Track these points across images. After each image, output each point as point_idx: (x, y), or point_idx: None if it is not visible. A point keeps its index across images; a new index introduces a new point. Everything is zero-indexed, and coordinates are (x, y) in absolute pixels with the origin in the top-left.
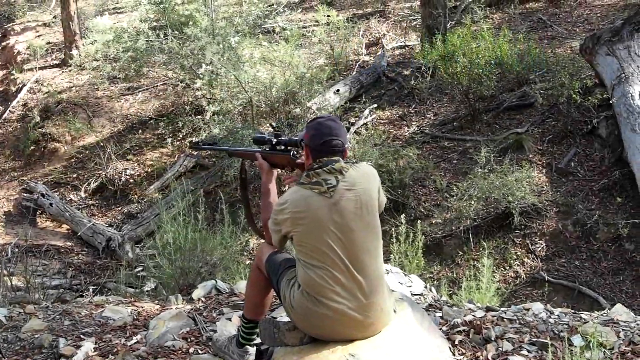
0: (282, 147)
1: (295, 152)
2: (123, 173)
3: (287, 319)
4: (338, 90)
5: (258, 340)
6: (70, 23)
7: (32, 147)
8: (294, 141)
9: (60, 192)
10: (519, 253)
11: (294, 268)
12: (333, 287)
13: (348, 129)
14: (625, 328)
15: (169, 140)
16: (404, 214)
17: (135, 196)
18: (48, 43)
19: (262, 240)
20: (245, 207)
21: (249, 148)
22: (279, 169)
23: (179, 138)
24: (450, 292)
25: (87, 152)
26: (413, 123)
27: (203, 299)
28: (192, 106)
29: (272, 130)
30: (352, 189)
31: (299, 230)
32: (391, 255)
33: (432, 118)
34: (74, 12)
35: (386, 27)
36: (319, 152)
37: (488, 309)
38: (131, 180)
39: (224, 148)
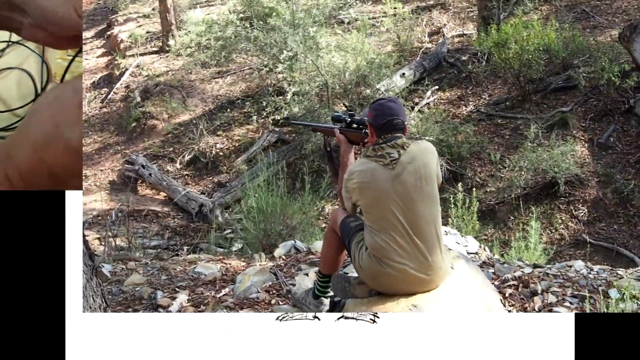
0: (355, 126)
1: (366, 131)
2: (214, 147)
3: (356, 275)
4: (404, 74)
5: (332, 293)
6: (167, 15)
7: (133, 124)
8: (365, 121)
9: (158, 163)
10: (563, 218)
11: (362, 231)
12: (396, 249)
13: (412, 108)
14: None
15: (254, 117)
16: (461, 183)
17: (225, 167)
18: (147, 32)
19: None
20: (334, 175)
21: (329, 125)
22: (354, 145)
23: (263, 116)
24: (502, 252)
25: (182, 128)
26: (470, 103)
27: (284, 257)
28: (275, 88)
29: (346, 109)
30: (413, 162)
31: (366, 199)
32: (449, 219)
33: (487, 98)
34: (170, 5)
35: (446, 18)
36: (382, 130)
37: (535, 266)
38: (220, 154)
39: (309, 124)
